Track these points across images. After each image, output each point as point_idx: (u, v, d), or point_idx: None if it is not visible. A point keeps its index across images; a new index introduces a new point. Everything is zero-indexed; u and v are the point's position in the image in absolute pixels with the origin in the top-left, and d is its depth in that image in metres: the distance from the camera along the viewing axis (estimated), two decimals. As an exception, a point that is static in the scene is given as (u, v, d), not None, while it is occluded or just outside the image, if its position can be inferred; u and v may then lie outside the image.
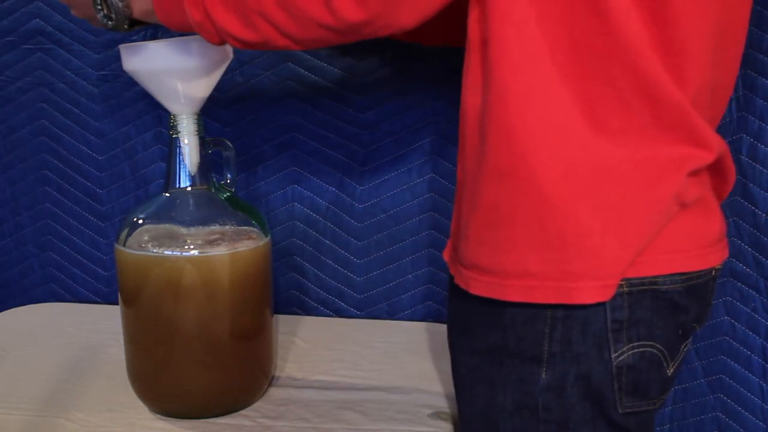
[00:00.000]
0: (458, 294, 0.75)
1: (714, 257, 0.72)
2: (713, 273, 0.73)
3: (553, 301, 0.66)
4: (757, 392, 1.01)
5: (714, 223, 0.72)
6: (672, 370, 0.73)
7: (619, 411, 0.69)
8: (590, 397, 0.69)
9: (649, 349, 0.69)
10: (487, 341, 0.72)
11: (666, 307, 0.69)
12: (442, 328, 1.12)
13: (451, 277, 0.78)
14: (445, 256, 0.83)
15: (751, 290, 1.00)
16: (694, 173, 0.67)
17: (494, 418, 0.72)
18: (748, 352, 1.01)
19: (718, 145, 0.68)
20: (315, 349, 1.07)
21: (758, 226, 0.98)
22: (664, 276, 0.68)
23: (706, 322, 0.77)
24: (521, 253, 0.67)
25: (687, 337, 0.74)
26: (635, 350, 0.68)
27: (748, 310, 1.00)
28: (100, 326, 1.15)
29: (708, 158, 0.67)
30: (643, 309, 0.68)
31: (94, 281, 1.31)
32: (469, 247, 0.71)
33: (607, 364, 0.68)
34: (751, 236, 0.98)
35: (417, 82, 1.12)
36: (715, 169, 0.70)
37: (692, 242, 0.70)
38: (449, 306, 0.82)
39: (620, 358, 0.68)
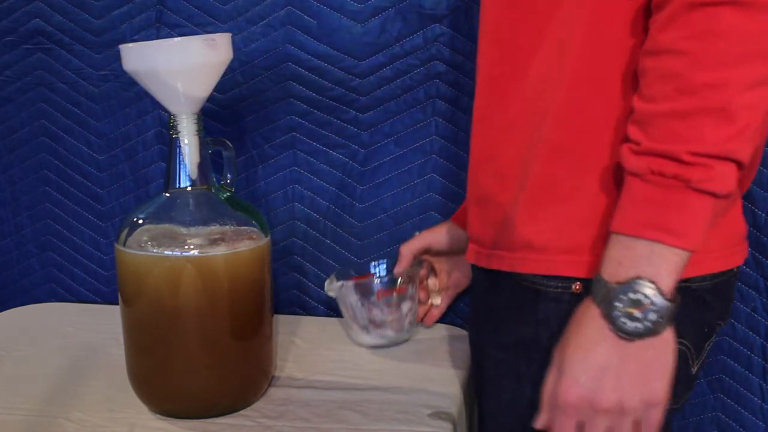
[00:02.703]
0: (488, 288, 0.75)
1: (739, 256, 0.73)
2: (736, 270, 0.74)
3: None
4: (757, 392, 1.01)
5: (740, 223, 0.73)
6: (696, 368, 0.73)
7: None
8: None
9: (679, 346, 0.68)
10: (517, 335, 0.72)
11: (694, 304, 0.69)
12: (443, 328, 1.13)
13: (480, 272, 0.78)
14: (470, 258, 0.82)
15: (750, 290, 1.00)
16: None
17: (520, 412, 0.72)
18: (748, 352, 1.01)
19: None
20: (315, 349, 1.07)
21: (758, 225, 0.98)
22: (695, 277, 0.68)
23: (728, 320, 0.77)
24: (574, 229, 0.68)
25: (711, 335, 0.74)
26: None
27: (748, 310, 1.00)
28: (100, 326, 1.15)
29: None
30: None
31: (94, 281, 1.31)
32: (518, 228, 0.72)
33: None
34: (751, 235, 0.98)
35: (417, 82, 1.12)
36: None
37: (720, 242, 0.70)
38: (474, 302, 0.82)
39: None
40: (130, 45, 0.85)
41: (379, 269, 1.12)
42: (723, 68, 0.58)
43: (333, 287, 1.05)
